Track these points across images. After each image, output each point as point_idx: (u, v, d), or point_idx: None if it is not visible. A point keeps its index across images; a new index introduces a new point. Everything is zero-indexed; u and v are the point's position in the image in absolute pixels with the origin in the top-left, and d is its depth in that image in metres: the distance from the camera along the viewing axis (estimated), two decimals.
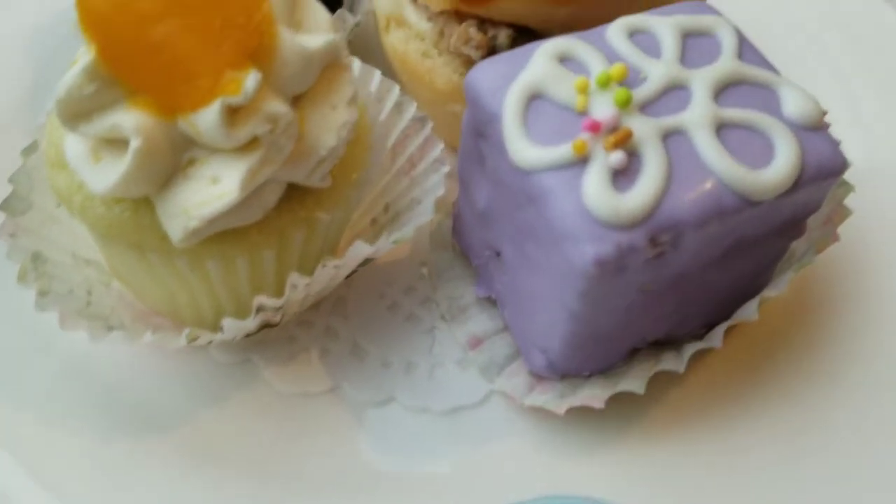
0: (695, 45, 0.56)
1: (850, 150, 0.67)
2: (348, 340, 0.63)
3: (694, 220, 0.50)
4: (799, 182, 0.52)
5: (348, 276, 0.64)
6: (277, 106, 0.50)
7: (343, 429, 0.59)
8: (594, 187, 0.49)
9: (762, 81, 0.55)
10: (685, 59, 0.56)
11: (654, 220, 0.49)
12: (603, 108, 0.52)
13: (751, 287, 0.60)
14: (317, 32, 0.55)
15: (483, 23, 0.67)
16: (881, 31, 0.85)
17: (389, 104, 0.68)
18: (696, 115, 0.52)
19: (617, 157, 0.50)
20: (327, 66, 0.54)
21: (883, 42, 0.84)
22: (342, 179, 0.57)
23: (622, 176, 0.50)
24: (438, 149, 0.66)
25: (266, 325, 0.62)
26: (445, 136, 0.74)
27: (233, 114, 0.48)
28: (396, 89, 0.68)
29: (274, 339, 0.63)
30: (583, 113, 0.52)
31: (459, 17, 0.68)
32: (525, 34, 0.67)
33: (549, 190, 0.51)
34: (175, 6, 0.48)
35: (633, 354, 0.62)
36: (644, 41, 0.56)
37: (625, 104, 0.52)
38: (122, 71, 0.48)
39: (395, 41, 0.72)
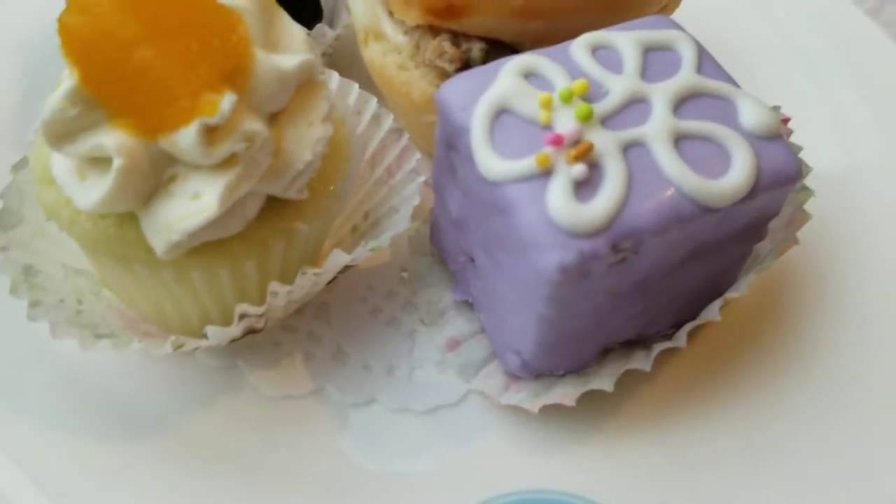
0: (656, 60, 0.59)
1: (815, 155, 0.70)
2: (331, 344, 0.66)
3: (653, 228, 0.52)
4: (755, 189, 0.54)
5: (331, 282, 0.66)
6: (254, 124, 0.52)
7: (327, 430, 0.62)
8: (557, 198, 0.52)
9: (720, 93, 0.57)
10: (646, 73, 0.58)
11: (614, 228, 0.52)
12: (565, 123, 0.54)
13: (717, 288, 0.63)
14: (292, 52, 0.58)
15: (457, 36, 0.70)
16: (851, 37, 0.87)
17: (367, 116, 0.70)
18: (655, 128, 0.55)
19: (578, 169, 0.52)
20: (302, 84, 0.57)
21: (853, 48, 0.87)
22: (320, 191, 0.60)
23: (584, 187, 0.53)
24: (415, 159, 0.69)
25: (251, 331, 0.65)
26: (423, 145, 0.77)
27: (210, 133, 0.51)
28: (374, 102, 0.70)
29: (259, 343, 0.65)
30: (547, 127, 0.55)
31: (434, 31, 0.71)
32: (498, 47, 0.69)
33: (515, 201, 0.53)
34: (154, 32, 0.50)
35: (605, 354, 0.64)
36: (607, 56, 0.59)
37: (586, 118, 0.54)
38: (105, 94, 0.51)
39: (373, 54, 0.75)
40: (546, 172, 0.53)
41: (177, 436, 0.61)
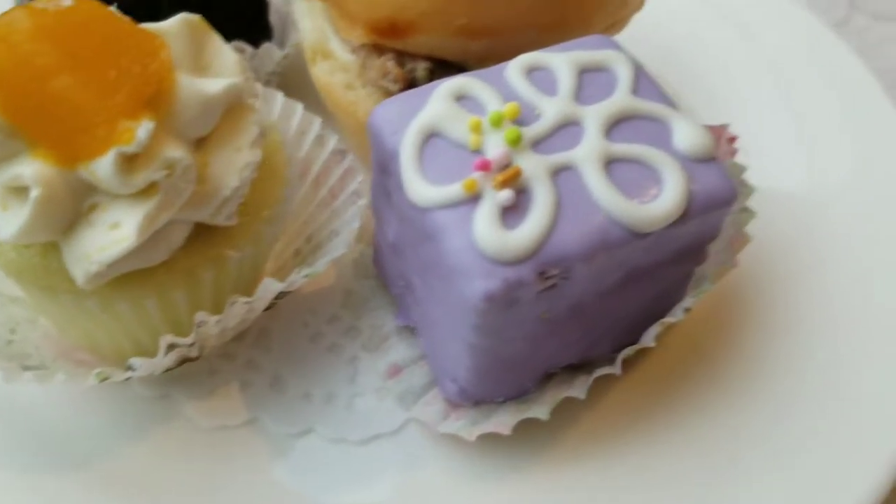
0: (591, 81, 0.58)
1: (777, 171, 0.69)
2: (269, 372, 0.65)
3: (581, 254, 0.51)
4: (687, 213, 0.53)
5: (270, 307, 0.65)
6: (174, 151, 0.52)
7: (262, 461, 0.61)
8: (483, 224, 0.51)
9: (654, 115, 0.56)
10: (580, 95, 0.57)
11: (541, 255, 0.51)
12: (494, 147, 0.53)
13: (660, 310, 0.62)
14: (223, 75, 0.57)
15: (402, 56, 0.69)
16: (806, 57, 0.87)
17: (311, 137, 0.70)
18: (586, 151, 0.54)
19: (505, 195, 0.51)
20: (230, 108, 0.56)
21: (819, 64, 0.86)
22: (252, 217, 0.59)
23: (512, 212, 0.52)
24: (357, 181, 0.68)
25: (186, 360, 0.63)
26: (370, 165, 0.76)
27: (128, 161, 0.50)
28: (318, 122, 0.70)
29: (195, 372, 0.64)
30: (476, 151, 0.54)
31: (380, 50, 0.70)
32: (444, 67, 0.69)
33: (443, 227, 0.52)
34: (71, 61, 0.50)
35: (547, 380, 0.63)
36: (542, 78, 0.58)
37: (515, 142, 0.53)
38: (22, 123, 0.50)
39: (320, 73, 0.74)
40: (473, 198, 0.52)
41: (108, 468, 0.60)
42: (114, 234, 0.51)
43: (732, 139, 0.67)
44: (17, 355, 0.60)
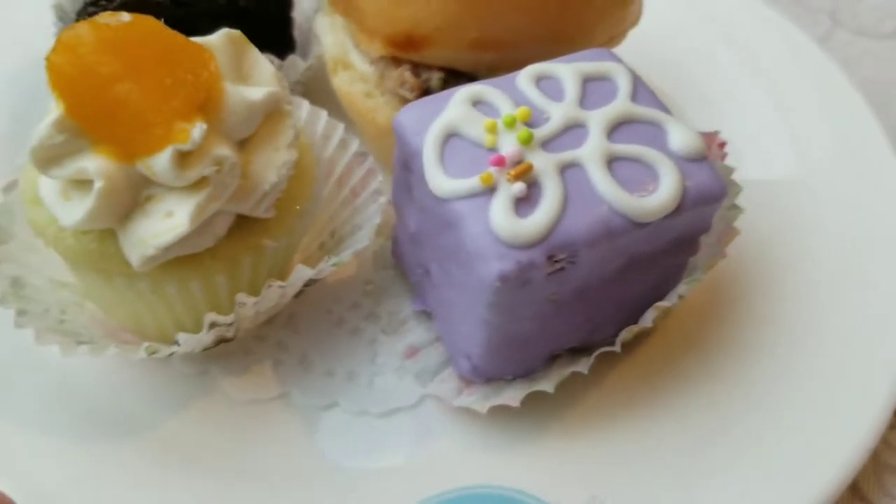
0: (594, 89, 0.64)
1: (749, 171, 0.76)
2: (297, 352, 0.71)
3: (586, 240, 0.58)
4: (681, 206, 0.59)
5: (299, 295, 0.71)
6: (223, 150, 0.58)
7: (291, 431, 0.66)
8: (498, 213, 0.57)
9: (651, 120, 0.63)
10: (584, 101, 0.63)
11: (550, 240, 0.57)
12: (508, 146, 0.59)
13: (656, 298, 0.68)
14: (261, 84, 0.63)
15: (417, 67, 0.75)
16: (782, 59, 0.94)
17: (335, 141, 0.76)
18: (590, 151, 0.60)
19: (518, 187, 0.57)
20: (269, 114, 0.62)
21: (789, 71, 0.93)
22: (287, 210, 0.65)
23: (524, 203, 0.58)
24: (378, 180, 0.74)
25: (223, 340, 0.69)
26: (388, 167, 0.82)
27: (183, 158, 0.56)
28: (341, 128, 0.76)
29: (231, 351, 0.70)
30: (492, 149, 0.60)
31: (397, 61, 0.76)
32: (456, 76, 0.75)
33: (462, 216, 0.58)
34: (132, 70, 0.56)
35: (552, 361, 0.69)
36: (549, 86, 0.64)
37: (527, 141, 0.60)
38: (87, 123, 0.56)
39: (341, 83, 0.80)
40: (490, 190, 0.58)
41: (153, 437, 0.65)
42: (168, 221, 0.57)
43: (722, 144, 0.73)
44: (70, 333, 0.66)
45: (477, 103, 0.63)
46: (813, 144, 0.87)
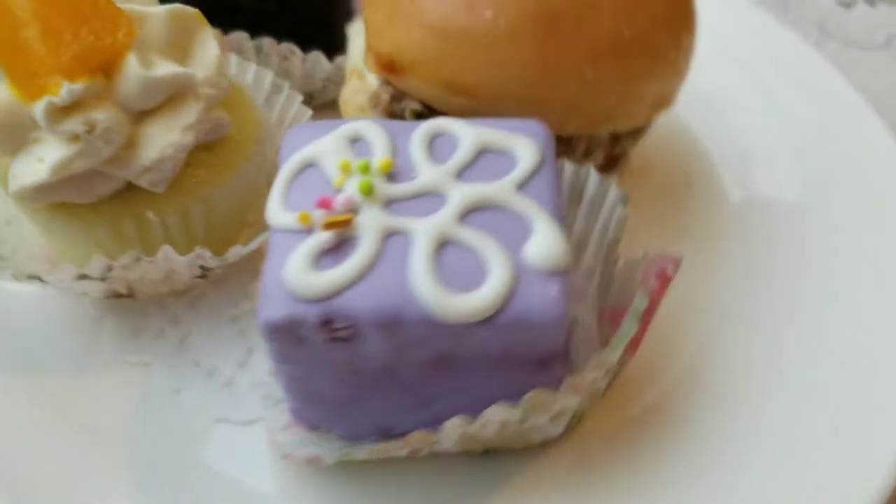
0: (484, 162, 0.57)
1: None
2: (181, 331, 0.72)
3: (369, 318, 0.52)
4: (492, 320, 0.51)
5: (208, 276, 0.72)
6: (101, 114, 0.60)
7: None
8: (297, 258, 0.53)
9: (521, 214, 0.54)
10: (465, 171, 0.57)
11: (330, 304, 0.52)
12: (350, 191, 0.55)
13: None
14: (201, 65, 0.65)
15: (403, 93, 0.72)
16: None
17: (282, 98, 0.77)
18: (430, 225, 0.54)
19: (324, 236, 0.53)
20: (176, 94, 0.63)
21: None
22: (187, 191, 0.66)
23: (332, 256, 0.53)
24: None
25: (119, 295, 0.72)
26: None
27: (58, 111, 0.59)
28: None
29: (129, 307, 0.73)
30: (338, 190, 0.56)
31: (391, 84, 0.73)
32: (433, 113, 0.70)
33: (274, 247, 0.55)
34: (41, 18, 0.60)
35: (394, 438, 0.63)
36: (442, 144, 0.58)
37: (367, 193, 0.55)
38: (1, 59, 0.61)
39: (346, 91, 0.79)
40: (307, 231, 0.54)
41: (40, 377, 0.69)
42: (37, 166, 0.61)
43: (667, 277, 0.61)
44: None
45: (357, 140, 0.59)
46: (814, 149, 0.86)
